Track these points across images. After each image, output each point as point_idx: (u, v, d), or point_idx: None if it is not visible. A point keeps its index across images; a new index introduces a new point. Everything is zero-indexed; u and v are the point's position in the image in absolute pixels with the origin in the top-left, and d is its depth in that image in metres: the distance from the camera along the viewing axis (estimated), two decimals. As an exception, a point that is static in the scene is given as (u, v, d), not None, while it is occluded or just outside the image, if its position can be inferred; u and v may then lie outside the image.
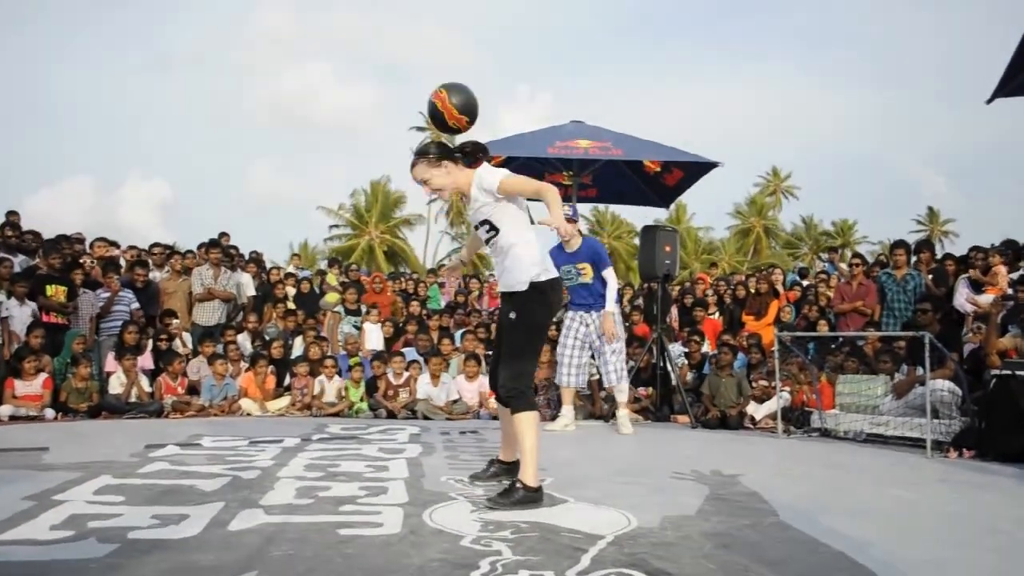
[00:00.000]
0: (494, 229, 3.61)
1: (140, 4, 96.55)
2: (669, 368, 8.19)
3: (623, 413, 6.83)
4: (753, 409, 7.62)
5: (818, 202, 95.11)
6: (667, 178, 9.17)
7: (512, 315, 3.62)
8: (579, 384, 6.95)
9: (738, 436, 6.90)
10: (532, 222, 3.65)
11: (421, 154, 3.62)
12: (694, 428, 7.47)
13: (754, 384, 7.90)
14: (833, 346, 8.06)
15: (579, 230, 6.58)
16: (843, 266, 11.00)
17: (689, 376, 8.54)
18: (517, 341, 3.62)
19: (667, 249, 8.07)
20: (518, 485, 3.42)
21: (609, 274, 6.63)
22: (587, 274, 6.61)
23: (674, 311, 10.23)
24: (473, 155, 3.65)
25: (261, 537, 2.74)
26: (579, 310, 6.77)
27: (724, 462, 4.92)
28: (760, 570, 2.47)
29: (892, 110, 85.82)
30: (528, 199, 3.71)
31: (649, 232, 8.30)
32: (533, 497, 3.39)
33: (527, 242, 3.61)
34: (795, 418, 7.13)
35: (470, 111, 3.57)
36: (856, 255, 9.88)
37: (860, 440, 6.47)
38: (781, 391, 7.12)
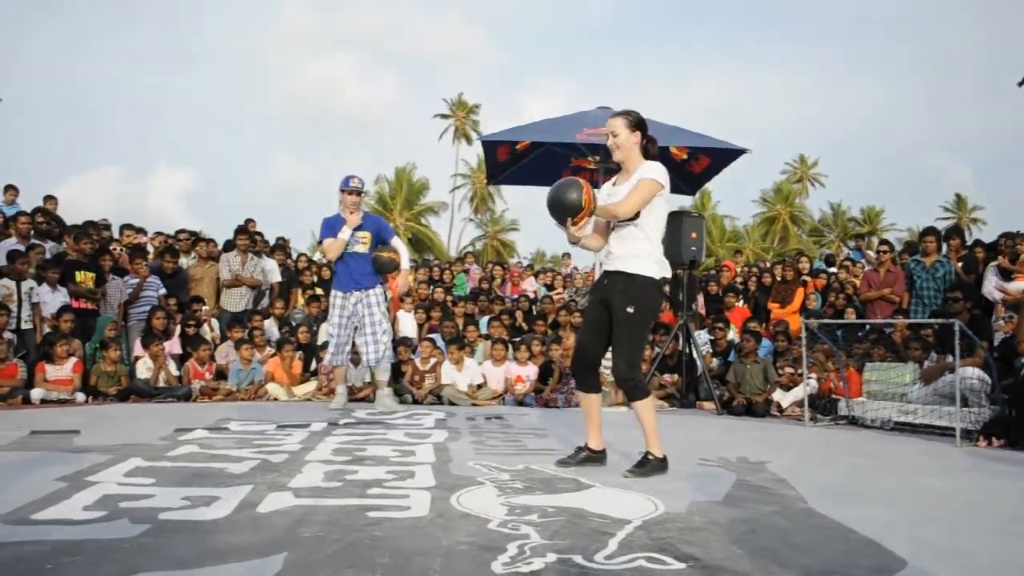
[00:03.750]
0: (636, 215, 3.88)
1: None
2: (695, 355, 8.15)
3: (385, 392, 6.85)
4: (779, 396, 7.57)
5: (845, 189, 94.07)
6: (694, 165, 9.03)
7: (630, 309, 3.84)
8: (344, 363, 6.86)
9: (764, 423, 6.86)
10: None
11: (627, 114, 4.02)
12: (720, 415, 7.43)
13: (780, 371, 7.85)
14: (860, 334, 7.97)
15: (362, 207, 6.85)
16: (871, 253, 10.86)
17: (714, 363, 8.49)
18: (633, 332, 3.89)
19: (693, 236, 8.02)
20: (649, 457, 3.88)
21: (397, 242, 6.89)
22: (366, 242, 6.67)
23: (700, 298, 10.16)
24: (650, 150, 4.05)
25: (290, 519, 2.77)
26: (346, 289, 6.66)
27: (750, 449, 4.90)
28: (788, 555, 2.46)
29: (920, 98, 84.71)
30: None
31: (675, 218, 8.22)
32: (661, 466, 3.88)
33: (657, 242, 3.96)
34: (822, 406, 7.07)
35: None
36: (884, 242, 9.74)
37: (888, 428, 6.41)
38: (808, 378, 7.06)
